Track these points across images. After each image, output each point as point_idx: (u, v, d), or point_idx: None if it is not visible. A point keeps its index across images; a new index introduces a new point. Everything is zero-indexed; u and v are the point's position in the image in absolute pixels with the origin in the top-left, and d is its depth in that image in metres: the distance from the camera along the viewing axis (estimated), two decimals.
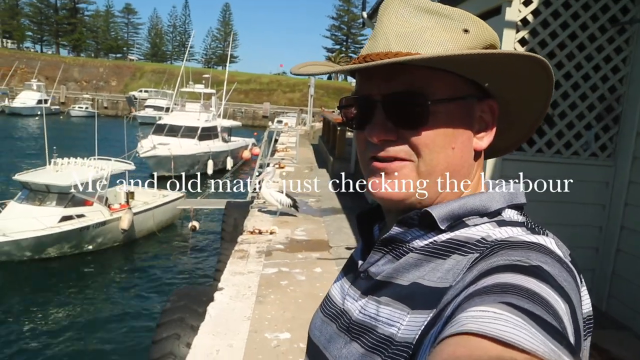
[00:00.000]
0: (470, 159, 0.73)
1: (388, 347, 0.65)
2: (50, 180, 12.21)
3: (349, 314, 0.75)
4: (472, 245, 0.66)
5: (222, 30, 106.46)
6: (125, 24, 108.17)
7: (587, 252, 4.24)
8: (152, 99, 55.16)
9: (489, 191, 0.73)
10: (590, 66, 3.98)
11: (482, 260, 0.61)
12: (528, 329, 0.46)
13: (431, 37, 0.68)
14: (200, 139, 24.95)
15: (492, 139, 0.74)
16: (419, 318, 0.63)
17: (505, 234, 0.66)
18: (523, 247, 0.61)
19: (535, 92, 0.74)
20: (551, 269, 0.57)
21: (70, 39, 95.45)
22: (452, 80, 0.69)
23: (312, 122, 30.75)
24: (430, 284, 0.65)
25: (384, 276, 0.72)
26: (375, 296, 0.72)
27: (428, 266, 0.68)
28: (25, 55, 74.32)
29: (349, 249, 6.38)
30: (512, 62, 0.69)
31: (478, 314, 0.49)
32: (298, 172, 13.14)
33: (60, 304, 10.04)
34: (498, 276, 0.55)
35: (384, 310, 0.69)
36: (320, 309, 0.86)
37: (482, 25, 0.72)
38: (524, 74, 0.70)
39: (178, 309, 5.05)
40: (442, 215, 0.70)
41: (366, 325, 0.71)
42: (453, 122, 0.70)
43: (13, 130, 39.05)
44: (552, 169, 4.05)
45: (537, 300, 0.50)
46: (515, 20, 3.82)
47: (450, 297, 0.60)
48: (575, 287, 0.59)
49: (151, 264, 12.71)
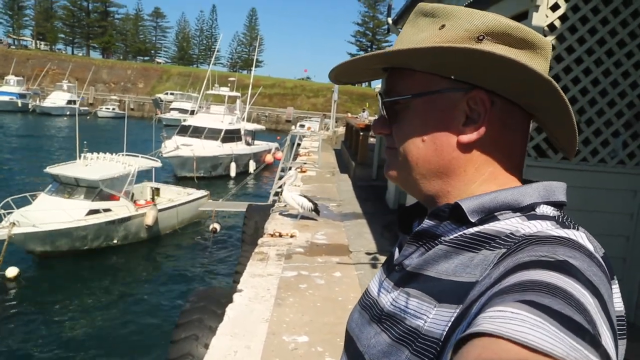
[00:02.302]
0: (453, 151, 0.72)
1: (415, 339, 0.65)
2: (79, 173, 12.53)
3: (381, 305, 0.76)
4: (500, 240, 0.64)
5: (248, 34, 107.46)
6: (153, 28, 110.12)
7: (614, 262, 4.11)
8: (178, 102, 55.93)
9: (523, 185, 0.72)
10: (619, 72, 3.90)
11: (508, 256, 0.60)
12: (546, 327, 0.44)
13: (410, 37, 0.74)
14: (224, 141, 25.16)
15: (483, 132, 0.71)
16: (446, 313, 0.63)
17: (534, 228, 0.64)
18: (551, 242, 0.59)
19: (515, 79, 0.68)
20: (579, 263, 0.55)
21: (100, 42, 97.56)
22: (420, 77, 0.73)
23: (335, 127, 30.76)
24: (458, 278, 0.65)
25: (413, 267, 0.73)
26: (406, 288, 0.72)
27: (457, 259, 0.67)
28: (57, 57, 76.22)
29: (368, 254, 6.35)
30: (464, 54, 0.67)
31: (495, 314, 0.48)
32: (319, 177, 13.15)
33: (82, 297, 10.26)
34: (522, 273, 0.53)
35: (412, 302, 0.69)
36: (359, 301, 0.87)
37: (466, 17, 0.70)
38: (485, 64, 0.67)
39: (197, 309, 5.09)
40: (472, 208, 0.69)
41: (396, 316, 0.71)
42: (423, 116, 0.74)
43: (43, 129, 40.07)
44: (577, 177, 3.97)
45: (559, 295, 0.48)
46: (542, 26, 3.76)
47: (476, 294, 0.59)
48: (606, 281, 0.57)
49: (172, 263, 12.88)
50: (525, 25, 0.70)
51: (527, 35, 0.69)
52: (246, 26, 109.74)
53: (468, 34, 0.69)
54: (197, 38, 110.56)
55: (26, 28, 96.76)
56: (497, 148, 0.73)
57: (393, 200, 9.42)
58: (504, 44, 0.69)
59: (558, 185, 0.72)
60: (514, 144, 0.73)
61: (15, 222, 10.75)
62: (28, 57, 72.67)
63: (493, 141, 0.72)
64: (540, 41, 0.71)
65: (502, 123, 0.72)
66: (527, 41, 0.69)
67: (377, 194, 10.55)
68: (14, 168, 22.58)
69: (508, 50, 0.69)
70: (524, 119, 0.74)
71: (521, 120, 0.73)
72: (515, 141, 0.74)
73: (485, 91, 0.70)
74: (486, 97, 0.70)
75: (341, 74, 0.83)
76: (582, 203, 3.86)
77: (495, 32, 0.69)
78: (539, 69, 0.68)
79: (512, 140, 0.73)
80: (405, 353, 0.66)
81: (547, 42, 0.71)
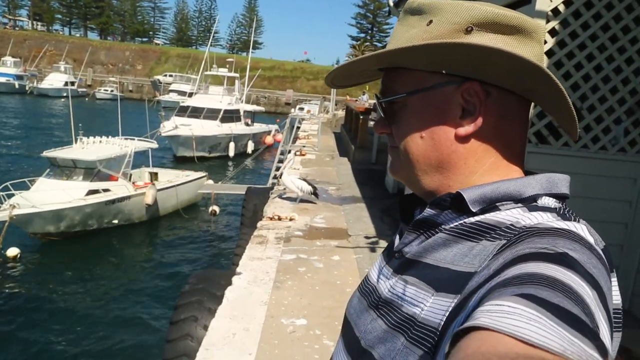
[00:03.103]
0: (451, 145, 0.73)
1: (411, 326, 0.66)
2: (76, 155, 12.66)
3: (379, 292, 0.77)
4: (501, 231, 0.64)
5: (247, 16, 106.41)
6: (152, 8, 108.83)
7: (612, 249, 4.10)
8: (177, 84, 55.66)
9: (526, 177, 0.72)
10: (622, 59, 3.87)
11: (508, 248, 0.60)
12: (542, 321, 0.44)
13: (400, 35, 0.75)
14: (223, 121, 25.16)
15: (480, 123, 0.71)
16: (443, 302, 0.63)
17: (535, 219, 0.64)
18: (551, 234, 0.59)
19: (506, 68, 0.68)
20: (579, 255, 0.55)
21: (98, 22, 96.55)
22: (414, 74, 0.74)
23: (335, 110, 30.64)
24: (456, 267, 0.65)
25: (412, 255, 0.73)
26: (404, 275, 0.73)
27: (456, 247, 0.67)
28: (54, 38, 75.53)
29: (367, 237, 6.37)
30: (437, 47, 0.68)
31: (493, 308, 0.47)
32: (319, 160, 13.13)
33: (82, 278, 10.39)
34: (522, 266, 0.53)
35: (410, 290, 0.70)
36: (358, 287, 0.88)
37: (452, 10, 0.70)
38: (474, 56, 0.67)
39: (196, 291, 5.11)
40: (473, 198, 0.69)
41: (393, 303, 0.72)
42: (419, 113, 0.75)
43: (40, 111, 39.91)
44: (578, 164, 3.96)
45: (557, 288, 0.48)
46: (545, 10, 3.72)
47: (475, 285, 0.59)
48: (605, 274, 0.57)
49: (172, 245, 12.96)
50: (514, 11, 0.70)
51: (515, 21, 0.69)
52: (245, 7, 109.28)
53: (456, 27, 0.70)
54: (195, 19, 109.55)
55: (22, 8, 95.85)
56: (496, 138, 0.73)
57: (392, 185, 9.43)
58: (493, 32, 0.69)
59: (561, 178, 0.72)
60: (513, 132, 0.73)
61: (15, 204, 10.80)
62: (25, 37, 72.01)
63: (491, 131, 0.72)
64: (530, 25, 0.70)
65: (500, 113, 0.72)
66: (515, 27, 0.69)
67: (377, 178, 10.55)
68: (12, 152, 22.56)
69: (497, 38, 0.68)
70: (521, 106, 0.73)
71: (519, 108, 0.73)
72: (514, 130, 0.73)
73: (479, 82, 0.70)
74: (480, 89, 0.70)
75: (337, 78, 0.83)
76: (582, 190, 3.86)
77: (483, 22, 0.69)
78: (530, 54, 0.68)
79: (511, 129, 0.73)
80: (400, 340, 0.66)
81: (537, 25, 0.71)
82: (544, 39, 0.71)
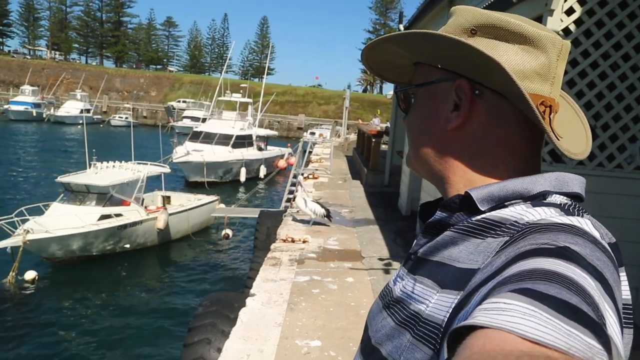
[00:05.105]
0: (442, 137, 0.76)
1: (417, 323, 0.66)
2: (89, 180, 12.80)
3: (393, 292, 0.78)
4: (505, 227, 0.64)
5: (260, 42, 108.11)
6: (166, 37, 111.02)
7: (629, 269, 4.05)
8: (190, 110, 56.26)
9: (534, 175, 0.71)
10: (635, 77, 3.87)
11: (510, 244, 0.60)
12: (538, 315, 0.43)
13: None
14: (234, 147, 25.30)
15: (464, 117, 0.73)
16: (447, 298, 0.63)
17: (538, 215, 0.63)
18: (552, 230, 0.58)
19: (486, 69, 0.69)
20: (581, 249, 0.54)
21: (113, 51, 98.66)
22: (424, 69, 0.79)
23: (346, 134, 30.76)
24: (461, 265, 0.65)
25: (422, 254, 0.74)
26: (413, 274, 0.74)
27: (462, 245, 0.67)
28: (71, 66, 77.15)
29: (381, 259, 6.33)
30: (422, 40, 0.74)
31: (489, 306, 0.47)
32: (332, 183, 13.15)
33: (96, 301, 10.39)
34: (522, 263, 0.53)
35: (418, 287, 0.70)
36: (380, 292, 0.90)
37: (464, 13, 0.75)
38: (459, 53, 0.70)
39: (210, 314, 5.09)
40: (481, 197, 0.69)
41: (403, 302, 0.72)
42: (423, 105, 0.80)
43: (56, 138, 40.51)
44: (593, 182, 3.93)
45: (556, 280, 0.47)
46: (557, 30, 3.75)
47: (477, 281, 0.59)
48: (612, 267, 0.56)
49: (184, 268, 12.96)
50: (523, 20, 0.70)
51: (517, 29, 0.69)
52: (258, 34, 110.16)
53: (461, 28, 0.74)
54: (209, 46, 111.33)
55: (41, 38, 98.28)
56: (491, 137, 0.73)
57: (405, 207, 9.39)
58: (494, 37, 0.71)
59: (573, 177, 0.71)
60: (508, 133, 0.73)
61: (29, 229, 10.94)
62: (43, 66, 73.61)
63: (485, 130, 0.73)
64: (536, 35, 0.69)
65: (493, 113, 0.72)
66: (517, 34, 0.69)
67: (389, 200, 10.52)
68: (29, 177, 22.90)
69: (494, 44, 0.70)
70: (516, 109, 0.72)
71: (514, 110, 0.71)
72: (510, 131, 0.72)
73: (469, 80, 0.72)
74: (467, 85, 0.73)
75: (371, 57, 0.85)
76: (598, 209, 3.82)
77: (485, 26, 0.71)
78: (532, 63, 0.69)
79: (506, 130, 0.73)
80: (406, 337, 0.66)
81: (544, 36, 0.70)
82: (556, 50, 0.70)
